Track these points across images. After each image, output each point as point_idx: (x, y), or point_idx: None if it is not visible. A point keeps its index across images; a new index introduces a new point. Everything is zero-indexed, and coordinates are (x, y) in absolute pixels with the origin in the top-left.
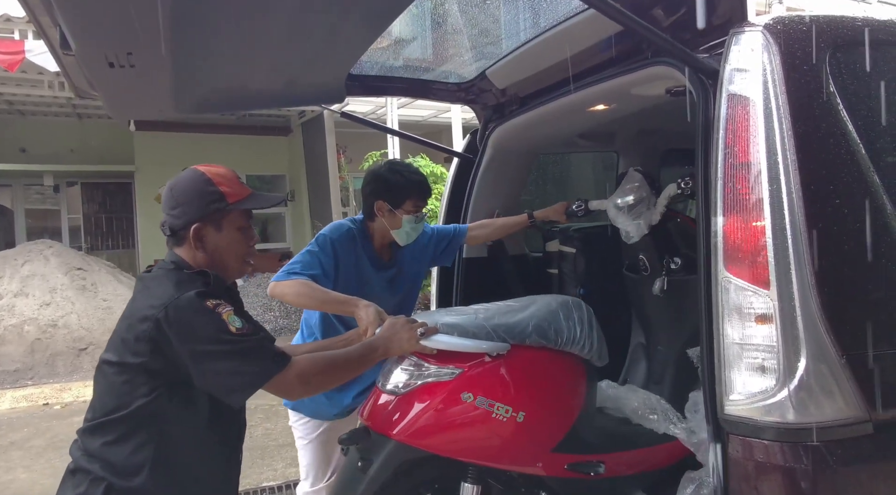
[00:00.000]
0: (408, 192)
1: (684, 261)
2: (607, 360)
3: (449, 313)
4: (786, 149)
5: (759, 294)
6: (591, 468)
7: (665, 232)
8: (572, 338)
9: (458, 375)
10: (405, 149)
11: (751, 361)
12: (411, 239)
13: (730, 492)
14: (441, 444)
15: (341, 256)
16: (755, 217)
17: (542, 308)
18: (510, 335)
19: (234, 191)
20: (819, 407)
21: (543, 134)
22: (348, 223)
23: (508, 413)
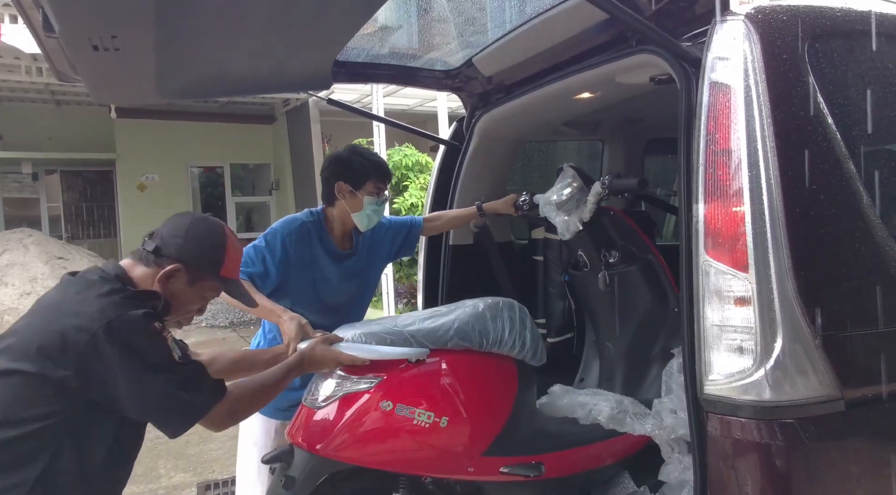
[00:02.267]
0: (368, 173)
1: (621, 254)
2: (544, 360)
3: (368, 323)
4: (765, 136)
5: (738, 277)
6: (529, 470)
7: (599, 226)
8: (499, 340)
9: (376, 384)
10: (391, 138)
11: (730, 343)
12: (372, 222)
13: (709, 469)
14: (363, 456)
15: (293, 253)
16: (735, 202)
17: (467, 311)
18: (430, 340)
19: (231, 270)
20: (794, 386)
21: (529, 122)
22: (302, 216)
23: (431, 419)
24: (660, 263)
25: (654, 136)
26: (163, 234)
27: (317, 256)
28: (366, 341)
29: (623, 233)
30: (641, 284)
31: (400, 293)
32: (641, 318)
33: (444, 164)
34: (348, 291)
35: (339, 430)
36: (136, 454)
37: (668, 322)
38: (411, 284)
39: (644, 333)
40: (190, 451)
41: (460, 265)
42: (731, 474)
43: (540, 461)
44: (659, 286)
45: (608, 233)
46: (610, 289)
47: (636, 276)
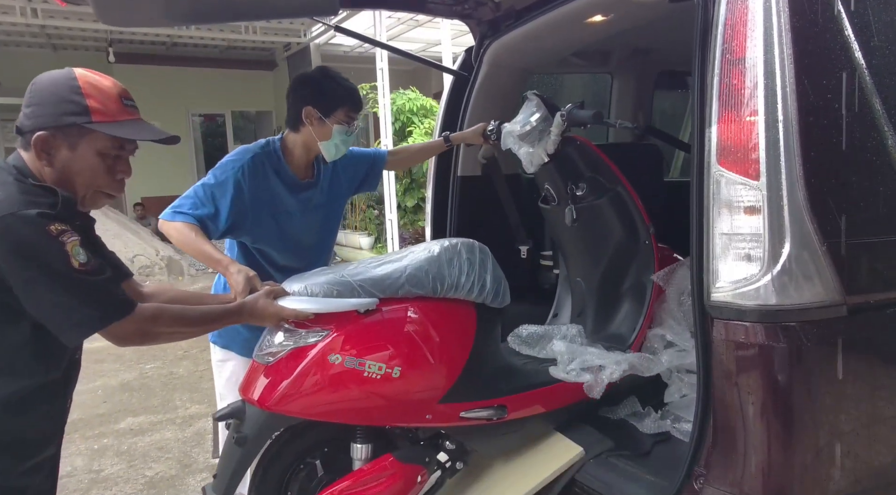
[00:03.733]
0: (341, 100)
1: (589, 186)
2: (507, 300)
3: (315, 274)
4: (782, 42)
5: (748, 186)
6: (492, 413)
7: (565, 157)
8: (455, 284)
9: (323, 338)
10: (395, 82)
11: (738, 251)
12: (340, 153)
13: (712, 374)
14: (313, 410)
15: (247, 188)
16: (749, 112)
17: (420, 256)
18: (379, 289)
19: (107, 110)
20: (798, 291)
21: (538, 50)
22: (255, 148)
23: (382, 370)
24: (630, 194)
25: (664, 69)
26: (21, 113)
27: (274, 190)
28: (312, 293)
29: (591, 163)
30: (611, 217)
31: (405, 239)
32: (612, 252)
33: (453, 95)
34: (313, 226)
35: (288, 385)
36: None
37: (639, 255)
38: (416, 230)
39: (615, 267)
40: (203, 385)
41: (469, 196)
42: (733, 376)
43: (503, 403)
44: (629, 218)
45: (575, 165)
46: (578, 223)
47: (605, 209)
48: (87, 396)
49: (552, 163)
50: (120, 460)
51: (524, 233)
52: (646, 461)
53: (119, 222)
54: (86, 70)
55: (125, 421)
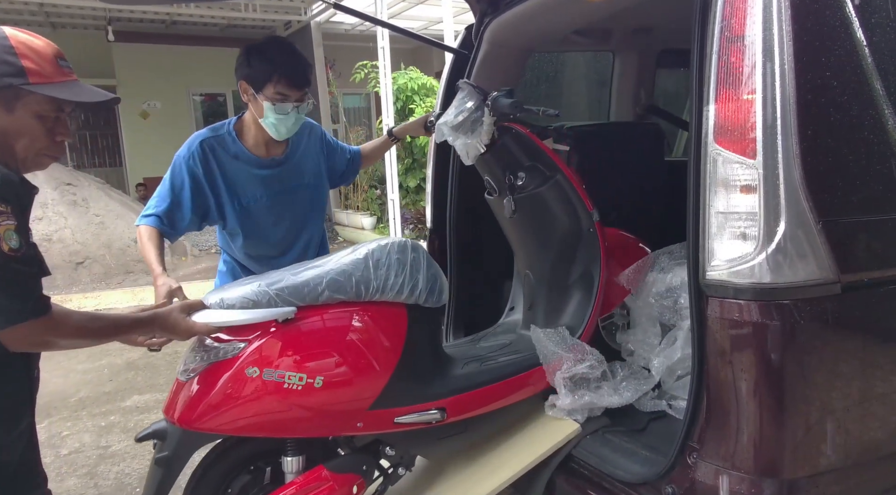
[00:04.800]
0: (268, 74)
1: (528, 176)
2: (444, 299)
3: (231, 287)
4: (782, 20)
5: (745, 164)
6: (430, 417)
7: (502, 147)
8: (382, 287)
9: (241, 351)
10: (396, 61)
11: (733, 229)
12: (281, 133)
13: (706, 351)
14: (235, 426)
15: (202, 174)
16: (747, 90)
17: (343, 261)
18: (298, 297)
19: (43, 71)
20: (793, 269)
21: (539, 28)
22: (203, 134)
23: (303, 381)
24: (570, 181)
25: (667, 47)
26: None
27: (234, 174)
28: (228, 305)
29: (529, 152)
30: (552, 206)
31: (407, 219)
32: (556, 242)
33: (452, 75)
34: (285, 210)
35: (207, 403)
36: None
37: (584, 244)
38: (418, 210)
39: (561, 258)
40: None
41: (469, 177)
42: (727, 353)
43: (441, 406)
44: (570, 207)
45: (513, 155)
46: (520, 215)
47: (546, 198)
48: (94, 375)
49: (489, 153)
50: (127, 437)
51: None
52: (641, 437)
53: (122, 202)
54: (16, 29)
55: (131, 398)
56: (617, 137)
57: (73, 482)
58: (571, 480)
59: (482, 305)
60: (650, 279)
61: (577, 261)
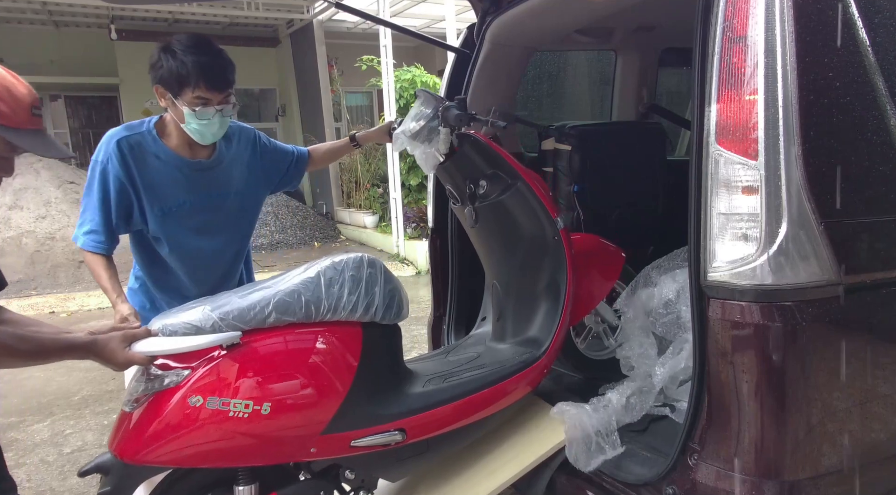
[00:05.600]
0: (185, 78)
1: (490, 183)
2: (404, 315)
3: (175, 312)
4: (784, 20)
5: (747, 165)
6: (388, 439)
7: (461, 156)
8: (334, 306)
9: (184, 379)
10: (398, 60)
11: (735, 231)
12: (206, 138)
13: (708, 352)
14: (180, 457)
15: (124, 176)
16: (749, 90)
17: (293, 281)
18: (243, 321)
19: (14, 116)
20: (795, 271)
21: (541, 27)
22: (121, 131)
23: (249, 408)
24: (532, 189)
25: (669, 46)
26: None
27: (158, 176)
28: (171, 332)
29: (489, 160)
30: (515, 214)
31: (409, 217)
32: (521, 252)
33: (454, 74)
34: (215, 218)
35: (149, 434)
36: None
37: (550, 252)
38: (420, 208)
39: (526, 267)
40: None
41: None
42: (729, 354)
43: (401, 427)
44: (533, 214)
45: (472, 163)
46: (482, 224)
47: (508, 206)
48: (97, 373)
49: (448, 162)
50: None
51: None
52: (641, 437)
53: None
54: (7, 71)
55: None
56: (619, 137)
57: (75, 480)
58: (572, 480)
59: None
60: (642, 295)
61: (543, 271)
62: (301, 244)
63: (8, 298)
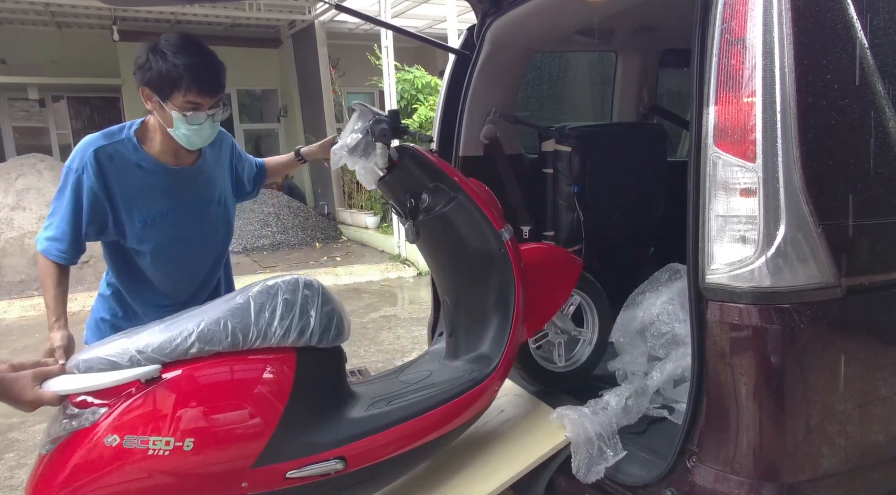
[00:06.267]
0: (175, 81)
1: (432, 197)
2: (344, 337)
3: (92, 347)
4: (782, 22)
5: (745, 168)
6: (325, 468)
7: (402, 169)
8: (264, 333)
9: (100, 417)
10: (399, 60)
11: (733, 233)
12: (195, 144)
13: (706, 354)
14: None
15: (99, 188)
16: (747, 93)
17: (219, 309)
18: (163, 353)
19: None
20: (793, 273)
21: (541, 28)
22: (99, 139)
23: (170, 445)
24: (473, 201)
25: (669, 46)
26: None
27: (139, 185)
28: (87, 368)
29: (430, 172)
30: (458, 228)
31: None
32: (467, 266)
33: (454, 76)
34: (196, 227)
35: (65, 477)
36: None
37: (497, 265)
38: None
39: (474, 282)
40: None
41: (470, 175)
42: (727, 356)
43: (341, 455)
44: (476, 227)
45: (414, 176)
46: (429, 238)
47: (451, 220)
48: None
49: (389, 176)
50: None
51: (526, 212)
52: (640, 439)
53: None
54: None
55: None
56: (620, 138)
57: None
58: (572, 482)
59: None
60: (626, 317)
61: (491, 285)
62: (302, 245)
63: (10, 299)
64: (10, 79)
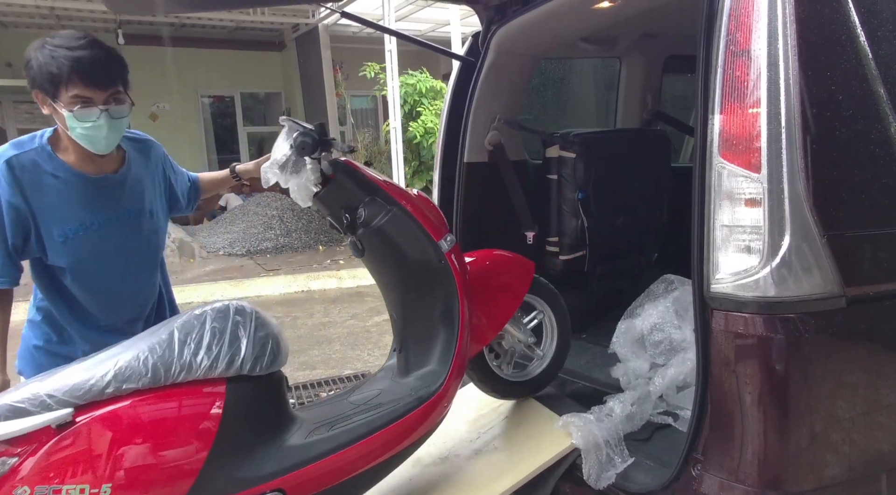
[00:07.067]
0: (56, 76)
1: (368, 212)
2: (279, 363)
3: (4, 393)
4: (787, 34)
5: (750, 178)
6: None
7: (336, 185)
8: (188, 365)
9: (10, 468)
10: (404, 63)
11: (738, 243)
12: (98, 146)
13: (710, 362)
14: None
15: (16, 200)
16: (752, 103)
17: (141, 342)
18: (75, 395)
19: None
20: (798, 283)
21: (546, 35)
22: (9, 148)
23: (86, 492)
24: (409, 212)
25: (674, 53)
26: None
27: (53, 198)
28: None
29: (364, 187)
30: (397, 241)
31: None
32: (409, 280)
33: (459, 82)
34: (125, 239)
35: None
36: None
37: (438, 278)
38: None
39: (419, 294)
40: None
41: (475, 182)
42: (732, 365)
43: (278, 487)
44: (416, 240)
45: (349, 191)
46: (370, 253)
47: (388, 234)
48: None
49: (323, 192)
50: None
51: (530, 218)
52: (645, 447)
53: None
54: None
55: None
56: (623, 144)
57: None
58: (576, 489)
59: None
60: (628, 327)
61: (436, 298)
62: (306, 248)
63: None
64: (15, 82)
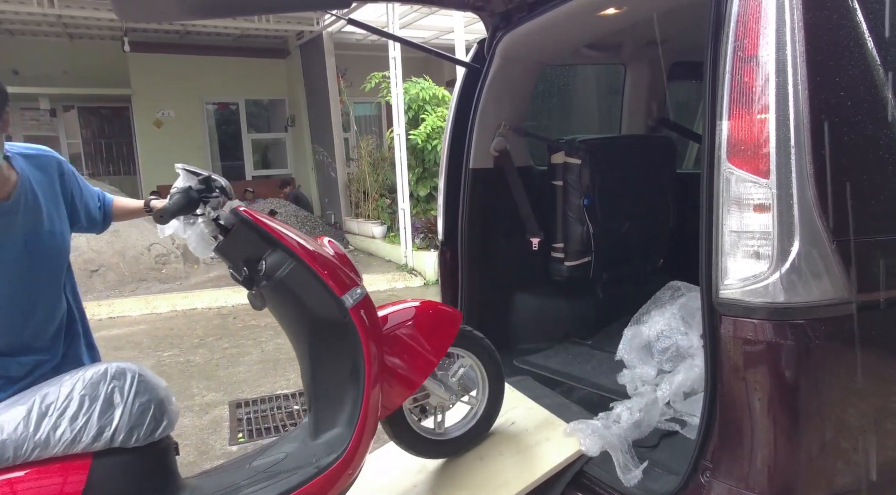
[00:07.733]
0: None
1: (268, 264)
2: (164, 432)
3: None
4: (795, 40)
5: (758, 184)
6: None
7: (235, 235)
8: (48, 441)
9: None
10: (407, 72)
11: (747, 248)
12: None
13: (719, 369)
14: None
15: None
16: (760, 109)
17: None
18: None
19: None
20: (807, 289)
21: (551, 42)
22: None
23: None
24: (309, 266)
25: (679, 59)
26: None
27: None
28: None
29: (265, 239)
30: (299, 295)
31: (417, 228)
32: (316, 335)
33: (465, 87)
34: (33, 265)
35: None
36: None
37: (342, 335)
38: (428, 219)
39: (326, 351)
40: (219, 374)
41: (480, 189)
42: (741, 372)
43: None
44: (318, 294)
45: (249, 241)
46: (273, 307)
47: (289, 287)
48: None
49: (223, 243)
50: None
51: (535, 224)
52: (653, 454)
53: None
54: None
55: None
56: (629, 150)
57: None
58: None
59: (493, 316)
60: (634, 334)
61: (343, 356)
62: None
63: None
64: (22, 89)
